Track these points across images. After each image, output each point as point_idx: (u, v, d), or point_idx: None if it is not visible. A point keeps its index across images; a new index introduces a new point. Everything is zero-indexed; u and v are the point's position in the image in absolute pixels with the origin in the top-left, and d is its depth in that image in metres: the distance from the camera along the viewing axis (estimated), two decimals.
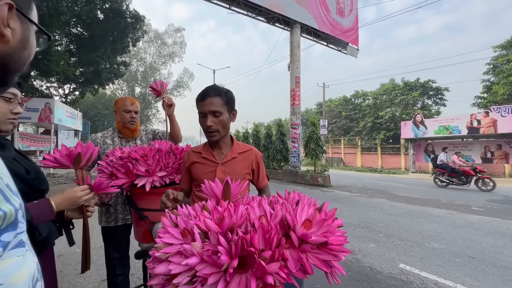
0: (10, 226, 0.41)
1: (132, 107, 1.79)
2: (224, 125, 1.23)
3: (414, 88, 26.58)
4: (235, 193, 0.86)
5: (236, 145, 1.33)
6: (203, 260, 0.58)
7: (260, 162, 1.37)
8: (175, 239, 0.67)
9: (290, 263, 0.58)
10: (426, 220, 5.34)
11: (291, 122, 12.63)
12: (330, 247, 0.62)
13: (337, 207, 3.02)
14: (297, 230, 0.60)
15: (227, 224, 0.63)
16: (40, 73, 12.29)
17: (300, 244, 0.60)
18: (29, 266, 0.45)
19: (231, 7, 12.15)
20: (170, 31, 34.95)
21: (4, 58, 0.42)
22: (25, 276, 0.43)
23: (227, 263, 0.55)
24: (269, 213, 0.68)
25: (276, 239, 0.59)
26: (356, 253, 3.54)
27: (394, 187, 10.53)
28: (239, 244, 0.56)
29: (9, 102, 0.98)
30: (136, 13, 13.61)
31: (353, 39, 16.12)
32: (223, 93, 1.22)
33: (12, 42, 0.42)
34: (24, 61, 0.47)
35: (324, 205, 0.77)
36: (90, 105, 29.61)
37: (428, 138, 18.56)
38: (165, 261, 0.63)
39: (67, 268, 2.96)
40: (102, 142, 1.80)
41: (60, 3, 10.43)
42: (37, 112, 11.50)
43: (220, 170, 1.25)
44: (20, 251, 0.44)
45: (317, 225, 0.65)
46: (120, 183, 1.29)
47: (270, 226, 0.61)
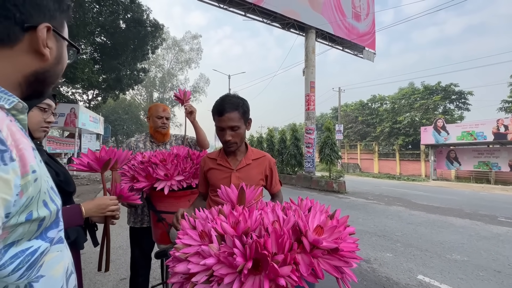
0: (54, 224, 0.47)
1: (163, 113, 1.90)
2: (241, 137, 1.28)
3: (435, 92, 25.61)
4: (249, 198, 0.90)
5: (250, 152, 1.36)
6: (220, 261, 0.62)
7: (273, 168, 1.39)
8: (193, 240, 0.72)
9: (302, 267, 0.60)
10: (448, 230, 5.11)
11: (306, 127, 12.54)
12: (341, 253, 0.64)
13: (352, 214, 3.04)
14: (309, 236, 0.62)
15: (242, 228, 0.67)
16: (67, 80, 13.05)
17: (311, 250, 0.63)
18: (65, 261, 0.51)
19: (247, 14, 12.37)
20: (187, 38, 36.01)
21: (43, 74, 0.48)
22: (62, 269, 0.50)
23: (242, 264, 0.58)
24: (282, 219, 0.71)
25: (289, 243, 0.61)
26: (372, 262, 3.44)
27: (413, 195, 10.14)
28: (253, 247, 0.60)
29: (44, 111, 1.06)
30: (155, 22, 14.17)
31: (370, 43, 15.86)
32: (240, 106, 1.24)
33: (50, 60, 0.48)
34: (58, 75, 0.53)
35: (336, 212, 0.79)
36: (111, 110, 30.88)
37: (451, 144, 17.75)
38: (184, 261, 0.67)
39: (88, 266, 3.10)
40: (135, 146, 1.92)
41: (87, 15, 11.08)
42: (63, 116, 12.18)
43: (235, 177, 1.28)
44: (60, 246, 0.49)
45: (328, 232, 0.67)
46: (140, 186, 1.36)
47: (282, 231, 0.64)
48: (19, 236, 0.39)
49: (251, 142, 16.79)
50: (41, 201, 0.42)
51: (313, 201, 0.88)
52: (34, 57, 0.46)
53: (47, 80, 0.50)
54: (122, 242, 3.92)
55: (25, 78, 0.46)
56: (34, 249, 0.41)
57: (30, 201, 0.39)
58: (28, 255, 0.40)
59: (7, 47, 0.43)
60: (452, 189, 13.31)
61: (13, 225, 0.37)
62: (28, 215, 0.39)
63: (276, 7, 11.89)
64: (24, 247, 0.40)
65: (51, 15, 0.47)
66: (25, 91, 0.47)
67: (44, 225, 0.43)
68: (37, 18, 0.44)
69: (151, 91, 36.39)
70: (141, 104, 36.28)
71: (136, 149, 1.88)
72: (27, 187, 0.38)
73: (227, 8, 12.03)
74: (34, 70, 0.46)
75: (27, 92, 0.47)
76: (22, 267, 0.39)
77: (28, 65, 0.45)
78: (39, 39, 0.44)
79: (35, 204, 0.40)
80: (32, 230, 0.41)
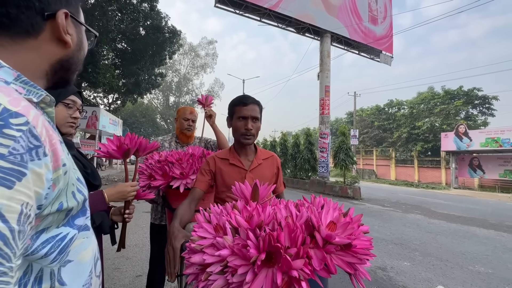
0: (81, 212, 0.49)
1: (190, 116, 1.98)
2: (258, 131, 1.34)
3: (456, 96, 24.63)
4: (263, 195, 0.91)
5: (259, 152, 1.39)
6: (234, 253, 0.63)
7: (280, 168, 1.43)
8: (208, 233, 0.74)
9: (314, 261, 0.61)
10: (470, 241, 4.85)
11: (320, 132, 12.40)
12: (354, 250, 0.64)
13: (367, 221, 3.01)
14: (322, 231, 0.63)
15: (256, 221, 0.68)
16: (90, 84, 13.70)
17: (324, 245, 0.63)
18: (92, 247, 0.54)
19: (262, 20, 12.51)
20: (203, 44, 36.86)
21: (67, 61, 0.49)
22: (89, 255, 0.52)
23: (256, 256, 0.59)
24: (295, 214, 0.72)
25: (301, 237, 0.62)
26: (388, 270, 3.33)
27: (433, 203, 9.72)
28: (266, 240, 0.61)
29: (68, 107, 1.08)
30: (173, 28, 14.65)
31: (387, 46, 15.54)
32: (259, 103, 1.33)
33: (72, 46, 0.48)
34: (81, 60, 0.53)
35: (349, 210, 0.78)
36: (129, 113, 32.02)
37: (473, 151, 16.93)
38: (199, 252, 0.69)
39: (106, 262, 3.21)
40: (161, 144, 2.00)
41: (109, 22, 11.63)
42: (85, 119, 12.77)
43: (249, 177, 1.30)
44: (86, 233, 0.52)
45: (341, 228, 0.67)
46: (157, 184, 1.41)
47: (295, 226, 0.64)
48: (49, 224, 0.41)
49: (264, 146, 16.80)
50: (70, 192, 0.44)
51: (326, 199, 0.88)
52: (57, 45, 0.47)
53: (71, 67, 0.51)
54: (138, 240, 4.02)
55: (51, 67, 0.47)
56: (64, 235, 0.43)
57: (61, 193, 0.41)
58: (58, 240, 0.42)
59: (33, 37, 0.44)
60: (475, 198, 12.64)
61: (45, 215, 0.39)
62: (59, 206, 0.41)
63: (291, 12, 11.96)
64: (54, 234, 0.42)
65: (67, 1, 0.47)
66: (51, 79, 0.48)
67: (71, 214, 0.45)
68: (54, 5, 0.45)
69: (167, 95, 37.40)
70: (158, 108, 37.35)
71: (162, 148, 1.96)
72: (58, 180, 0.40)
73: (243, 14, 12.24)
74: (59, 58, 0.47)
75: (53, 80, 0.48)
76: (54, 251, 0.41)
77: (53, 54, 0.47)
78: (59, 26, 0.45)
79: (64, 195, 0.42)
80: (60, 219, 0.43)
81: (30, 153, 0.34)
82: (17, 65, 0.42)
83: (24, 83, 0.41)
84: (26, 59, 0.43)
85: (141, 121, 33.14)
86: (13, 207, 0.31)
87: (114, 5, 11.98)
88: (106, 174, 14.63)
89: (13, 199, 0.31)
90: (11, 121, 0.33)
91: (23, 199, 0.33)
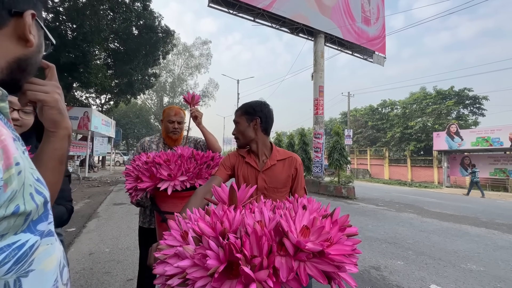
0: (44, 217, 0.45)
1: (175, 118, 1.85)
2: (241, 132, 1.35)
3: (447, 97, 25.04)
4: (241, 198, 0.85)
5: (275, 152, 1.36)
6: (195, 264, 0.58)
7: (299, 170, 1.36)
8: (176, 241, 0.68)
9: (282, 271, 0.55)
10: (462, 239, 4.91)
11: (314, 132, 12.45)
12: (330, 257, 0.58)
13: (361, 220, 2.99)
14: (291, 237, 0.57)
15: (219, 229, 0.63)
16: (81, 85, 13.46)
17: (295, 252, 0.57)
18: (57, 254, 0.50)
19: (256, 20, 12.50)
20: (198, 44, 36.65)
21: (25, 61, 0.48)
22: (54, 262, 0.48)
23: (214, 267, 0.54)
24: (268, 219, 0.66)
25: (267, 245, 0.57)
26: (382, 269, 3.34)
27: (426, 202, 9.84)
28: (227, 249, 0.56)
29: None
30: (167, 28, 14.51)
31: (380, 47, 15.71)
32: (243, 107, 1.40)
33: (33, 47, 0.48)
34: (37, 64, 0.53)
35: (335, 211, 0.73)
36: (123, 114, 31.62)
37: (465, 150, 17.23)
38: (163, 262, 0.64)
39: (96, 266, 3.14)
40: (148, 146, 1.91)
41: (101, 22, 11.45)
42: (77, 120, 12.54)
43: (261, 178, 1.30)
44: (50, 239, 0.48)
45: (316, 233, 0.61)
46: (144, 186, 1.35)
47: (263, 232, 0.59)
48: (4, 231, 0.37)
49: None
50: (27, 193, 0.40)
51: (311, 199, 0.82)
52: (17, 43, 0.46)
53: (28, 68, 0.50)
54: (130, 243, 3.95)
55: (7, 64, 0.45)
56: (22, 243, 0.40)
57: (15, 195, 0.38)
58: (15, 249, 0.38)
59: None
60: (467, 196, 12.85)
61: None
62: (15, 209, 0.38)
63: (285, 12, 11.98)
64: (10, 241, 0.38)
65: (34, 4, 0.48)
66: (5, 78, 0.46)
67: (31, 218, 0.42)
68: (22, 4, 0.45)
69: (161, 96, 37.07)
70: (152, 108, 36.99)
71: (149, 150, 1.87)
72: (11, 180, 0.37)
73: (237, 14, 12.21)
74: (17, 56, 0.46)
75: (6, 79, 0.47)
76: (9, 261, 0.37)
77: (11, 51, 0.46)
78: (26, 24, 0.45)
79: (21, 197, 0.39)
80: (18, 224, 0.39)
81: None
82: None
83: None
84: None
85: (134, 121, 32.76)
86: None
87: (106, 4, 11.79)
88: (99, 176, 14.40)
89: None
90: None
91: None
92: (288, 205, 0.80)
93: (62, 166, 0.59)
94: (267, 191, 1.31)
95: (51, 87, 0.56)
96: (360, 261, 3.58)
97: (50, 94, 0.55)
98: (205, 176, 1.39)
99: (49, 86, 0.56)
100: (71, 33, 11.56)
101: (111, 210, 6.34)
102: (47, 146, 0.57)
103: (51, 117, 0.56)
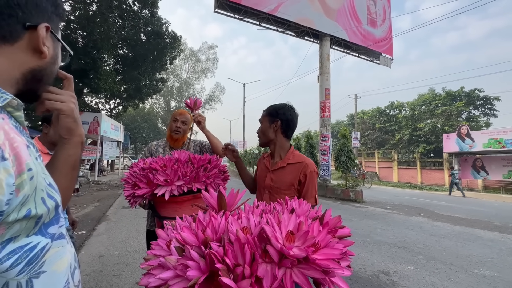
0: (54, 220, 0.47)
1: (179, 117, 1.89)
2: (264, 132, 1.46)
3: (457, 98, 24.55)
4: (230, 203, 0.83)
5: (289, 156, 1.41)
6: (177, 275, 0.56)
7: (309, 177, 1.34)
8: (163, 251, 0.66)
9: (266, 280, 0.53)
10: (475, 244, 4.78)
11: (321, 134, 12.38)
12: (317, 263, 0.55)
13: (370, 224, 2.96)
14: (274, 243, 0.55)
15: (201, 237, 0.60)
16: (91, 90, 13.78)
17: (280, 259, 0.55)
18: (68, 256, 0.52)
19: (261, 24, 12.59)
20: (204, 49, 37.12)
21: (40, 72, 0.51)
22: (65, 264, 0.50)
23: (195, 279, 0.52)
24: (254, 224, 0.64)
25: (249, 253, 0.54)
26: (392, 274, 3.28)
27: (436, 205, 9.62)
28: (208, 259, 0.54)
29: None
30: (174, 34, 14.76)
31: (387, 48, 15.57)
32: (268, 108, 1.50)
33: (47, 58, 0.51)
34: (53, 74, 0.55)
35: (326, 212, 0.71)
36: (131, 118, 32.13)
37: (476, 152, 16.81)
38: (148, 274, 0.62)
39: (106, 268, 3.19)
40: (155, 150, 1.94)
41: (111, 29, 11.75)
42: (87, 125, 12.83)
43: (269, 177, 1.40)
44: (61, 242, 0.50)
45: (301, 238, 0.58)
46: (142, 193, 1.32)
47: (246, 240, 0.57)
48: (17, 233, 0.39)
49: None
50: (38, 198, 0.42)
51: (301, 201, 0.80)
52: (32, 55, 0.48)
53: (43, 79, 0.52)
54: (138, 246, 4.00)
55: (22, 75, 0.48)
56: (33, 245, 0.41)
57: (27, 199, 0.40)
58: (27, 251, 0.40)
59: (8, 44, 0.45)
60: (479, 199, 12.51)
61: (10, 222, 0.38)
62: (27, 212, 0.39)
63: (290, 15, 12.03)
64: (22, 243, 0.40)
65: (49, 17, 0.51)
66: (22, 88, 0.49)
67: (42, 221, 0.43)
68: (37, 18, 0.48)
69: (168, 100, 37.57)
70: (159, 113, 37.49)
71: (156, 153, 1.89)
72: (23, 185, 0.39)
73: (242, 18, 12.32)
74: (31, 67, 0.49)
75: (23, 90, 0.49)
76: (21, 263, 0.39)
77: (26, 62, 0.48)
78: (39, 37, 0.47)
79: (33, 201, 0.41)
80: (29, 227, 0.41)
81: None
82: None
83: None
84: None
85: (142, 126, 33.25)
86: None
87: (115, 12, 12.11)
88: (108, 179, 14.64)
89: None
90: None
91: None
92: (278, 208, 0.78)
93: (75, 172, 0.61)
94: (272, 190, 1.39)
95: (67, 97, 0.59)
96: (369, 265, 3.53)
97: (66, 104, 0.58)
98: (202, 179, 1.35)
99: (65, 95, 0.58)
100: (81, 40, 11.89)
101: (120, 213, 6.43)
102: (61, 153, 0.59)
103: (67, 125, 0.59)
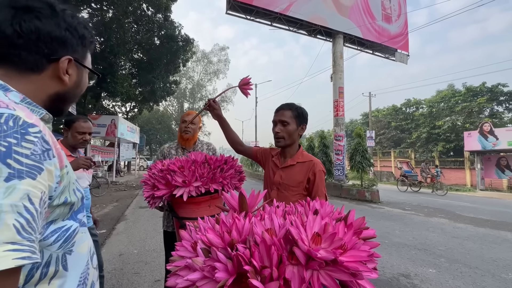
0: (81, 208, 0.59)
1: (187, 117, 1.95)
2: (289, 134, 1.42)
3: (479, 93, 23.46)
4: (251, 204, 0.83)
5: (299, 154, 1.45)
6: (205, 276, 0.57)
7: (318, 175, 1.38)
8: (188, 252, 0.67)
9: (293, 282, 0.53)
10: (502, 247, 4.55)
11: (335, 134, 12.19)
12: (345, 265, 0.54)
13: (387, 225, 2.89)
14: (301, 246, 0.55)
15: (227, 239, 0.61)
16: (109, 94, 14.26)
17: (307, 261, 0.55)
18: (88, 242, 0.62)
19: (273, 24, 12.57)
20: (216, 50, 37.50)
21: (63, 95, 0.60)
22: (86, 248, 0.60)
23: (224, 280, 0.53)
24: (278, 226, 0.64)
25: (276, 255, 0.54)
26: (412, 277, 3.18)
27: (458, 206, 9.23)
28: (235, 261, 0.54)
29: None
30: (186, 37, 15.01)
31: (403, 44, 15.12)
32: (294, 108, 1.44)
33: (69, 84, 0.59)
34: (77, 96, 0.65)
35: (349, 213, 0.69)
36: (146, 121, 32.95)
37: (501, 150, 15.99)
38: (175, 274, 0.63)
39: (126, 266, 3.28)
40: (168, 152, 1.99)
41: (126, 34, 12.11)
42: (105, 127, 13.28)
43: (278, 174, 1.43)
44: (84, 229, 0.61)
45: (328, 240, 0.57)
46: (161, 194, 1.35)
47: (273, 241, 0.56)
48: (56, 216, 0.50)
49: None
50: (71, 189, 0.53)
51: (323, 202, 0.78)
52: (57, 82, 0.57)
53: (67, 100, 0.62)
54: (156, 245, 4.09)
55: (49, 97, 0.58)
56: (68, 227, 0.53)
57: (64, 188, 0.51)
58: (64, 231, 0.51)
59: (36, 73, 0.55)
60: (505, 200, 11.89)
61: (54, 206, 0.48)
62: (65, 199, 0.50)
63: (302, 14, 11.94)
64: (60, 225, 0.51)
65: (74, 49, 0.59)
66: (48, 106, 0.58)
67: (74, 208, 0.55)
68: (61, 52, 0.56)
69: (181, 102, 38.23)
70: (173, 114, 38.23)
71: (169, 156, 1.94)
72: (63, 177, 0.50)
73: (254, 19, 12.35)
74: (56, 91, 0.58)
75: (50, 107, 0.59)
76: (60, 240, 0.50)
77: (51, 87, 0.57)
78: (60, 68, 0.56)
79: (67, 191, 0.52)
80: (65, 213, 0.52)
81: (43, 154, 0.44)
82: (21, 93, 0.52)
83: (28, 104, 0.51)
84: (29, 89, 0.54)
85: (157, 128, 34.01)
86: (36, 194, 0.41)
87: (131, 17, 12.46)
88: (125, 180, 15.08)
89: (36, 187, 0.41)
90: (30, 130, 0.43)
91: (42, 189, 0.42)
92: (300, 209, 0.77)
93: None
94: (281, 186, 1.42)
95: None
96: (388, 268, 3.43)
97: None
98: (219, 180, 1.37)
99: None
100: (99, 46, 12.32)
101: (138, 213, 6.61)
102: None
103: None
